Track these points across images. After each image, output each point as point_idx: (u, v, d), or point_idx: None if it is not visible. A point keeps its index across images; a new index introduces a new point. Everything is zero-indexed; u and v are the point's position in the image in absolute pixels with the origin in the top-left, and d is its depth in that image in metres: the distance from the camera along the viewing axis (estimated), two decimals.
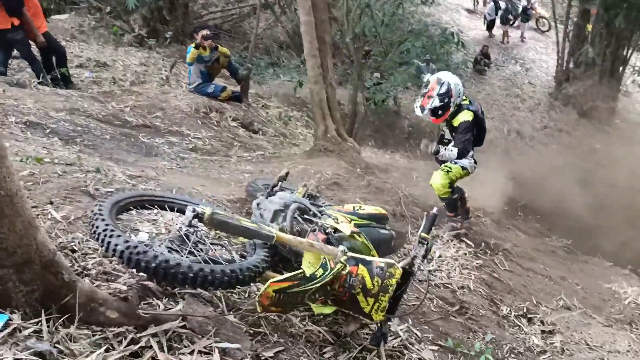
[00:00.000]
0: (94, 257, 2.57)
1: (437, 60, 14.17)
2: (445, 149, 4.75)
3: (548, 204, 10.27)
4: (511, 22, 19.27)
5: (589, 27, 14.42)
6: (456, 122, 4.78)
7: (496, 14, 18.81)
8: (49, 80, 7.14)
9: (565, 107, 14.70)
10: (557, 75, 15.42)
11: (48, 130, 4.96)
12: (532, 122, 14.13)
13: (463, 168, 4.89)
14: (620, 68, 14.31)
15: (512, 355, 3.36)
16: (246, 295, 2.78)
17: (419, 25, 13.84)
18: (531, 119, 14.30)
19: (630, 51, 14.05)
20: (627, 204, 9.70)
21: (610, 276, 5.66)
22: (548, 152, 13.25)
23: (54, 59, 7.55)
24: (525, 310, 4.00)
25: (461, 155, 4.73)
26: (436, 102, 4.67)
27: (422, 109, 4.75)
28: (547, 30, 19.89)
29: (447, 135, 5.04)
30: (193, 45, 8.18)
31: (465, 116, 4.74)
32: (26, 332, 1.81)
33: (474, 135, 4.93)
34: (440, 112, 4.74)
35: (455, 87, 4.70)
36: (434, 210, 2.82)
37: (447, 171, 4.85)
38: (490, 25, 19.37)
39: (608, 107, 14.29)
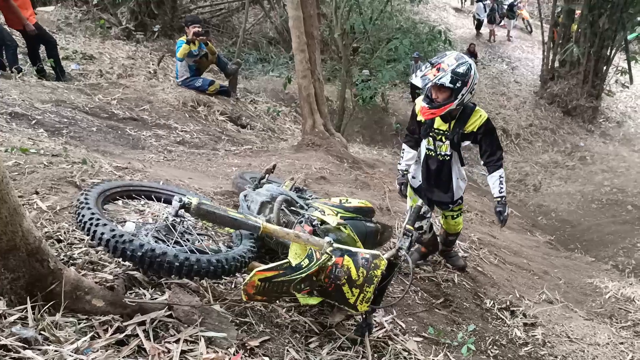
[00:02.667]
0: (80, 247, 2.57)
1: (425, 58, 14.26)
2: (505, 194, 3.57)
3: (531, 200, 10.42)
4: (498, 22, 19.43)
5: (574, 27, 14.59)
6: (473, 125, 3.51)
7: (485, 13, 18.98)
8: (21, 70, 7.11)
9: (550, 105, 14.88)
10: (543, 74, 15.60)
11: (34, 122, 4.92)
12: (517, 120, 14.28)
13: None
14: (604, 68, 14.51)
15: (495, 347, 3.41)
16: (232, 286, 2.79)
17: (407, 23, 13.92)
18: (517, 117, 14.45)
19: (613, 51, 14.25)
20: (608, 200, 9.88)
21: (592, 271, 5.75)
22: (533, 149, 13.42)
23: (42, 50, 7.53)
24: (508, 303, 4.05)
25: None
26: (446, 79, 3.25)
27: (425, 79, 3.31)
28: (530, 32, 20.15)
29: (443, 150, 3.66)
30: (184, 40, 8.12)
31: (484, 115, 3.55)
32: (11, 319, 1.81)
33: None
34: (442, 98, 3.37)
35: (474, 76, 3.38)
36: (419, 202, 2.85)
37: (460, 211, 3.98)
38: (478, 25, 19.53)
39: (592, 106, 14.51)
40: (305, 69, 6.59)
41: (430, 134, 3.67)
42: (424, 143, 3.77)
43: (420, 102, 3.52)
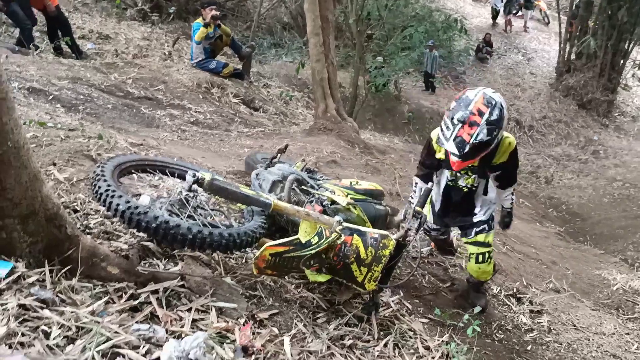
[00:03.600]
0: (96, 218, 2.63)
1: (440, 46, 14.18)
2: (510, 198, 3.41)
3: (542, 192, 10.38)
4: (515, 12, 19.20)
5: (591, 21, 14.41)
6: (504, 155, 3.09)
7: (502, 3, 18.77)
8: (38, 47, 7.26)
9: (565, 98, 14.73)
10: (559, 66, 15.42)
11: (51, 97, 4.99)
12: (531, 112, 14.16)
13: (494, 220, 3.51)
14: (621, 61, 14.31)
15: (500, 332, 3.45)
16: (243, 261, 2.84)
17: (423, 11, 13.79)
18: (530, 109, 14.32)
19: (631, 45, 14.04)
20: (620, 195, 9.80)
21: (601, 263, 5.75)
22: (546, 141, 13.33)
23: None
24: (515, 290, 4.07)
25: None
26: (484, 135, 2.76)
27: (462, 144, 2.78)
28: (547, 24, 19.86)
29: (469, 182, 3.30)
30: (201, 22, 8.15)
31: (512, 140, 3.11)
32: (30, 280, 1.86)
33: None
34: (480, 151, 2.86)
35: (506, 112, 2.89)
36: (429, 185, 2.87)
37: (489, 253, 3.40)
38: (495, 15, 19.32)
39: (607, 100, 14.34)
40: (319, 53, 6.59)
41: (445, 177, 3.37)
42: (445, 173, 3.36)
43: (441, 140, 2.90)
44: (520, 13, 19.50)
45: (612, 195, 10.02)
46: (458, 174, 3.27)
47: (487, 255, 3.37)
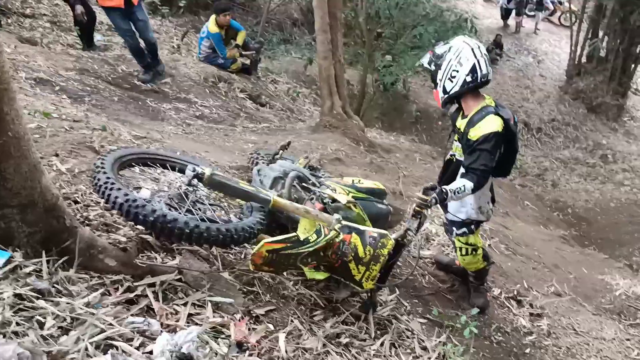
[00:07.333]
0: (96, 210, 2.63)
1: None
2: (449, 192, 2.85)
3: (548, 195, 10.32)
4: (526, 13, 19.03)
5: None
6: (475, 134, 2.95)
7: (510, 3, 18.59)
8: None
9: (575, 101, 14.61)
10: (569, 69, 15.28)
11: (57, 88, 5.01)
12: (540, 115, 14.06)
13: (478, 224, 3.38)
14: (632, 65, 14.17)
15: (499, 334, 3.44)
16: (242, 257, 2.85)
17: (434, 10, 13.70)
18: (539, 111, 14.22)
19: None
20: (627, 200, 9.72)
21: (604, 268, 5.70)
22: (554, 144, 13.24)
23: None
24: (515, 293, 4.06)
25: (477, 188, 2.96)
26: (425, 59, 3.13)
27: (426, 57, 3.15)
28: (574, 24, 19.46)
29: (458, 154, 3.27)
30: (222, 32, 8.25)
31: (491, 124, 2.92)
32: (27, 270, 1.87)
33: (500, 155, 3.03)
34: (432, 75, 3.12)
35: (455, 59, 2.95)
36: (429, 184, 2.86)
37: (474, 249, 3.40)
38: (506, 16, 19.16)
39: (617, 104, 14.22)
40: (327, 50, 6.57)
41: (454, 131, 3.31)
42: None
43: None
44: (532, 13, 19.32)
45: (619, 200, 9.95)
46: (453, 140, 3.30)
47: (470, 249, 3.40)
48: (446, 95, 3.07)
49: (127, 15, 6.03)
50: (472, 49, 2.95)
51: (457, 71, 2.96)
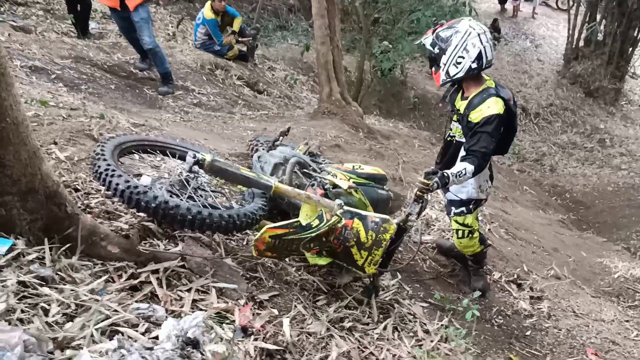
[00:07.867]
0: (97, 197, 2.63)
1: None
2: (451, 176, 2.80)
3: (546, 180, 10.34)
4: None
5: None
6: (477, 116, 2.94)
7: None
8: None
9: (572, 85, 14.58)
10: (567, 53, 15.23)
11: (53, 76, 4.97)
12: (538, 99, 14.03)
13: (477, 203, 3.37)
14: (630, 49, 14.12)
15: (500, 317, 3.46)
16: (244, 243, 2.84)
17: None
18: (537, 96, 14.19)
19: None
20: (624, 184, 9.75)
21: (603, 251, 5.73)
22: (552, 129, 13.24)
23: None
24: (515, 276, 4.08)
25: (477, 171, 2.94)
26: (428, 40, 3.05)
27: (427, 38, 3.08)
28: (571, 7, 19.30)
29: (457, 135, 3.26)
30: (218, 18, 8.15)
31: (494, 107, 2.90)
32: (29, 258, 1.87)
33: (500, 137, 3.01)
34: (432, 57, 3.07)
35: (461, 44, 2.91)
36: (430, 169, 2.85)
37: (470, 232, 3.38)
38: (503, 0, 19.07)
39: (614, 88, 14.20)
40: (324, 35, 6.52)
41: (453, 111, 3.26)
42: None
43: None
44: None
45: (617, 184, 9.97)
46: (453, 121, 3.27)
47: (466, 232, 3.38)
48: (449, 79, 3.05)
49: (124, 16, 5.97)
50: (479, 35, 2.91)
51: (463, 57, 2.93)
